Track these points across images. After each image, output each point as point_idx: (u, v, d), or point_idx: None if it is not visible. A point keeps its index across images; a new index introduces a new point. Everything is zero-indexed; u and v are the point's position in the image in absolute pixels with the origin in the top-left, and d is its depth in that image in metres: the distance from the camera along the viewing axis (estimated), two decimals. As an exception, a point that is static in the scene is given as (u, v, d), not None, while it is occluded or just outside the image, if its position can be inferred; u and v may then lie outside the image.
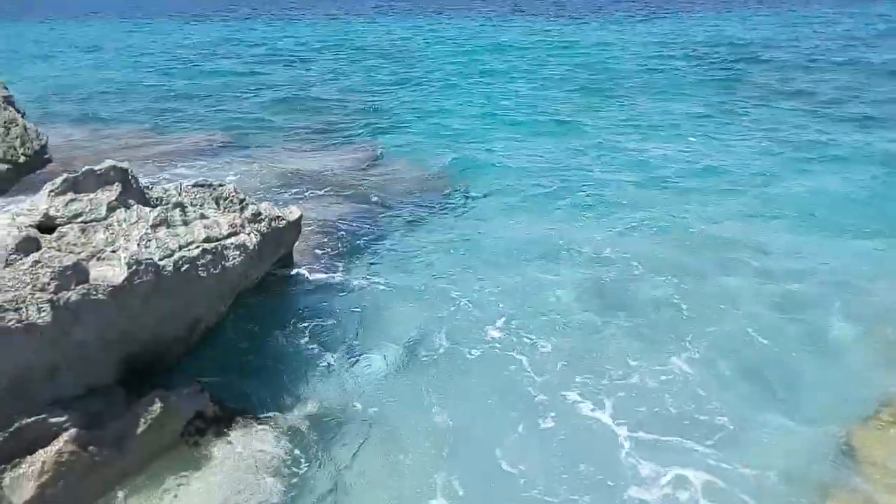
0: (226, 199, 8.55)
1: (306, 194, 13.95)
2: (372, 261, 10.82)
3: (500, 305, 9.40)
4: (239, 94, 26.89)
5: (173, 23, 72.73)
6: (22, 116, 10.65)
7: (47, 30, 64.83)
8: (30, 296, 5.43)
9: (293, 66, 35.73)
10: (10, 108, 10.59)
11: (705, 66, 30.43)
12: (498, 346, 8.52)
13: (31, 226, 6.01)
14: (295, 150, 17.98)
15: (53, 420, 5.71)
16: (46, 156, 10.93)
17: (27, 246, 5.61)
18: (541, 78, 29.49)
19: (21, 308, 5.38)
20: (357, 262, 10.76)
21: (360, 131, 20.26)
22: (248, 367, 8.05)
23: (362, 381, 7.88)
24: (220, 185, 8.56)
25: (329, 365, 8.09)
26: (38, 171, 11.80)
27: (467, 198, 13.88)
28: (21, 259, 5.51)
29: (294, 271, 10.24)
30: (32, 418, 5.59)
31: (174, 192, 7.71)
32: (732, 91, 24.62)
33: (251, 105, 24.70)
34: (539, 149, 17.65)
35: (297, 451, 6.73)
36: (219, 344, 8.37)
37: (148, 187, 7.43)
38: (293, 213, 9.52)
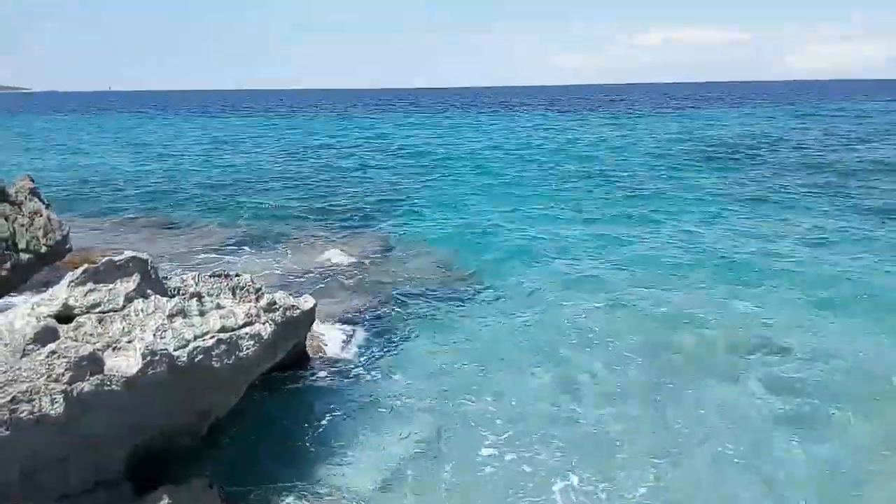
0: (242, 288, 8.62)
1: (321, 284, 14.05)
2: (385, 353, 10.74)
3: (510, 407, 9.16)
4: (257, 187, 27.64)
5: (195, 119, 75.44)
6: (46, 207, 10.93)
7: (78, 124, 67.41)
8: (44, 387, 5.42)
9: (311, 161, 36.85)
10: (36, 200, 10.88)
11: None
12: (506, 453, 8.24)
13: (49, 315, 6.07)
14: (311, 240, 18.27)
15: (60, 515, 5.58)
16: (68, 246, 11.13)
17: (45, 336, 5.64)
18: (557, 172, 30.23)
19: (34, 399, 5.36)
20: (371, 354, 10.69)
21: (377, 223, 20.62)
22: (257, 460, 7.89)
23: (371, 480, 7.64)
24: (237, 275, 8.64)
25: (338, 463, 7.87)
26: (59, 261, 12.04)
27: (483, 290, 13.87)
28: (38, 349, 5.53)
29: (307, 362, 10.19)
30: (38, 513, 5.47)
31: (191, 282, 7.79)
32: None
33: (270, 197, 25.34)
34: (558, 240, 17.81)
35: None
36: (229, 435, 8.24)
37: (167, 278, 7.52)
38: (307, 302, 9.55)
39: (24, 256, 10.32)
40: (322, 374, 9.99)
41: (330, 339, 11.02)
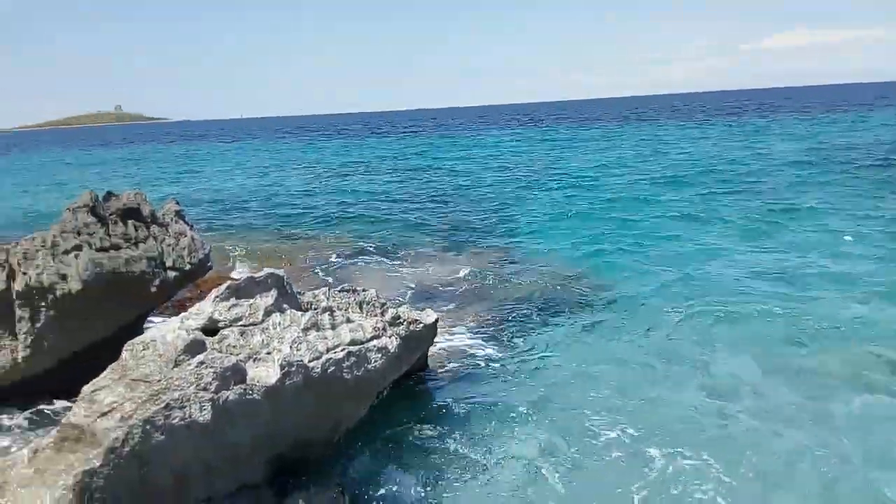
0: (368, 303, 8.92)
1: (441, 297, 14.29)
2: (508, 365, 10.73)
3: (642, 417, 8.93)
4: (376, 204, 28.49)
5: (317, 141, 78.70)
6: (190, 228, 11.75)
7: (216, 150, 71.97)
8: (193, 395, 5.82)
9: (425, 177, 37.56)
10: (181, 221, 11.73)
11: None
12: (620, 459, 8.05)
13: (197, 328, 6.51)
14: (431, 254, 18.64)
15: (207, 517, 5.96)
16: (209, 264, 11.92)
17: (194, 348, 6.07)
18: (682, 181, 29.28)
19: (185, 406, 5.77)
20: (493, 366, 10.71)
21: (494, 236, 20.75)
22: (385, 469, 8.08)
23: (498, 490, 7.66)
24: (364, 290, 8.95)
25: (463, 474, 7.94)
26: (201, 279, 12.91)
27: (608, 302, 13.59)
28: (188, 360, 5.96)
29: (429, 374, 10.36)
30: (189, 514, 5.86)
31: (323, 297, 8.14)
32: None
33: (389, 212, 26.07)
34: (680, 253, 17.25)
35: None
36: (357, 445, 8.50)
37: (300, 293, 7.90)
38: (429, 316, 9.75)
39: (171, 274, 11.12)
40: (445, 385, 10.11)
41: (452, 350, 11.15)
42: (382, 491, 7.68)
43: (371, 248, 19.75)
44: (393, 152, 58.99)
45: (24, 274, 9.33)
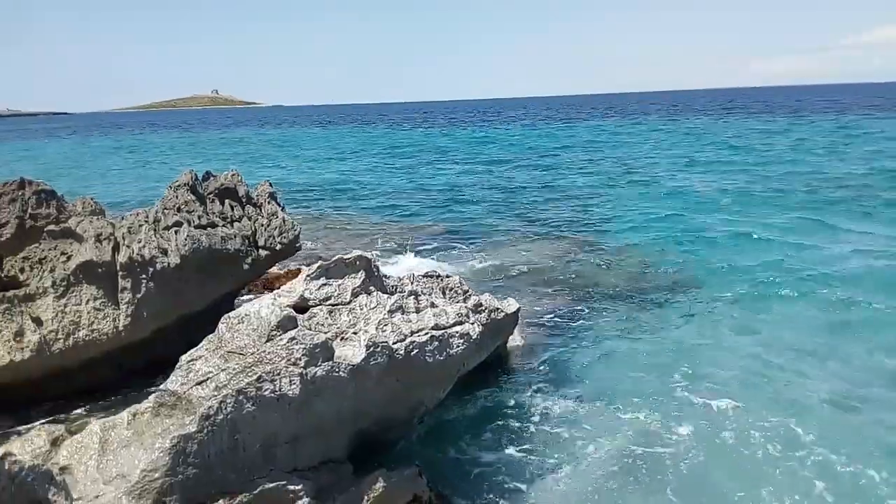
0: (451, 289, 8.98)
1: (522, 285, 14.24)
2: (585, 358, 10.60)
3: (725, 417, 8.69)
4: (459, 190, 28.60)
5: (398, 130, 79.49)
6: (282, 209, 12.12)
7: (309, 137, 73.76)
8: (284, 369, 6.02)
9: (509, 167, 37.40)
10: (273, 202, 12.11)
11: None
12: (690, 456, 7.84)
13: (288, 306, 6.72)
14: (512, 241, 18.61)
15: (291, 487, 6.14)
16: (298, 244, 12.26)
17: (286, 324, 6.27)
18: (784, 178, 28.08)
19: (276, 380, 5.97)
20: (571, 358, 10.62)
21: (577, 225, 20.51)
22: (461, 454, 8.15)
23: (579, 479, 7.59)
24: (447, 276, 9.02)
25: (540, 459, 7.92)
26: (290, 258, 13.30)
27: (691, 294, 13.28)
28: (280, 335, 6.16)
29: (508, 362, 10.36)
30: (274, 483, 6.06)
31: (407, 281, 8.26)
32: None
33: (471, 199, 26.15)
34: (771, 246, 16.62)
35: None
36: (435, 428, 8.61)
37: (386, 276, 8.03)
38: (511, 305, 9.73)
39: (262, 253, 11.52)
40: (523, 373, 10.10)
41: (531, 339, 11.10)
42: (459, 473, 7.75)
43: (453, 236, 19.89)
44: (500, 140, 59.03)
45: (128, 247, 9.84)
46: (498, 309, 9.23)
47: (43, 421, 8.62)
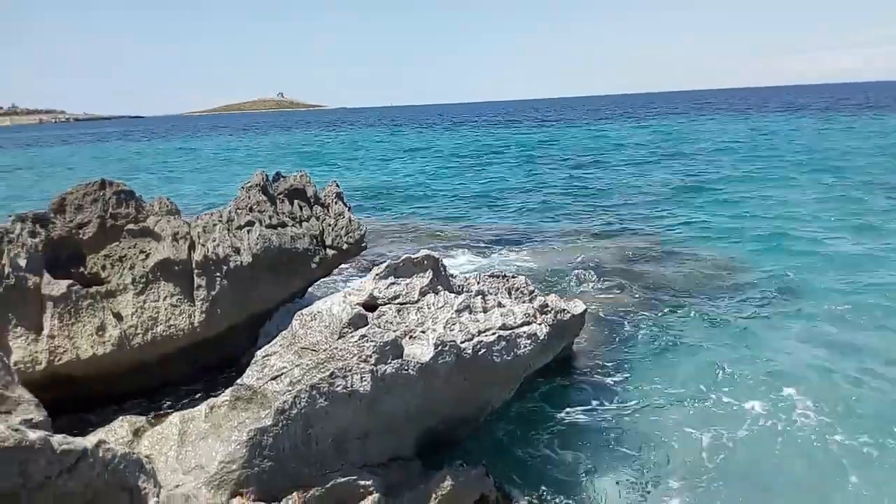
0: (517, 289, 8.96)
1: (589, 284, 14.09)
2: (652, 362, 10.42)
3: (804, 424, 8.42)
4: (519, 189, 28.49)
5: (473, 131, 79.55)
6: (348, 209, 12.31)
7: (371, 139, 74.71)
8: (355, 366, 6.11)
9: (584, 164, 37.06)
10: (340, 203, 12.31)
11: None
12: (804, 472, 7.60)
13: (358, 304, 6.83)
14: (579, 240, 18.45)
15: (362, 482, 6.23)
16: (364, 244, 12.44)
17: (357, 321, 6.37)
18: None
19: (348, 376, 6.07)
20: (638, 361, 10.45)
21: (648, 221, 20.17)
22: (526, 455, 8.12)
23: (647, 481, 7.48)
24: (513, 277, 9.00)
25: (605, 462, 7.82)
26: (356, 257, 13.51)
27: (766, 297, 12.88)
28: (351, 332, 6.26)
29: (574, 363, 10.26)
30: (346, 478, 6.16)
31: (474, 280, 8.28)
32: None
33: (537, 196, 26.04)
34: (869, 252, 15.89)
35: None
36: (502, 428, 8.60)
37: (452, 275, 8.07)
38: (577, 306, 9.64)
39: (330, 252, 11.73)
40: (589, 375, 9.99)
41: (597, 341, 10.97)
42: (525, 473, 7.73)
43: (514, 235, 19.83)
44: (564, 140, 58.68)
45: (203, 246, 10.17)
46: (564, 310, 9.15)
47: (124, 413, 8.99)
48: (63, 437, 3.73)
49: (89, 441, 3.89)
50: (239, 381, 6.36)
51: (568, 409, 9.02)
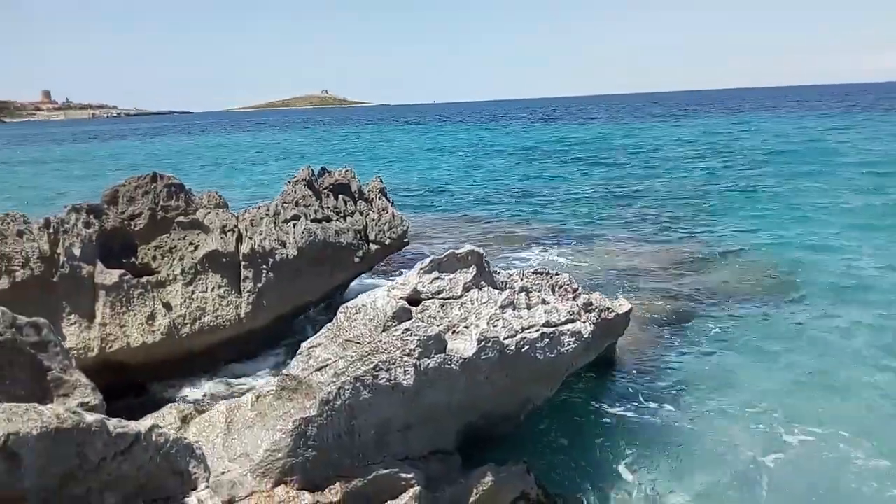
0: (561, 287, 8.89)
1: (633, 287, 13.91)
2: (697, 365, 10.24)
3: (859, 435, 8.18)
4: (567, 190, 28.27)
5: (511, 126, 79.42)
6: (391, 205, 12.39)
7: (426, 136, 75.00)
8: (399, 359, 6.15)
9: (621, 164, 36.63)
10: (383, 198, 12.41)
11: None
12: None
13: (402, 298, 6.86)
14: (622, 242, 18.21)
15: (403, 475, 6.26)
16: (406, 239, 12.51)
17: (402, 315, 6.40)
18: None
19: (391, 369, 6.11)
20: (682, 364, 10.30)
21: (692, 227, 19.81)
22: (566, 453, 8.06)
23: (684, 481, 7.36)
24: (557, 274, 8.93)
25: (644, 466, 7.70)
26: (398, 252, 13.59)
27: (816, 309, 12.44)
28: (395, 326, 6.29)
29: (617, 364, 10.15)
30: (388, 470, 6.21)
31: (517, 277, 8.25)
32: None
33: (583, 198, 25.82)
34: None
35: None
36: (541, 426, 8.56)
37: (496, 271, 8.05)
38: (623, 305, 9.53)
39: (373, 247, 11.83)
40: (631, 376, 9.89)
41: (641, 341, 10.84)
42: (566, 472, 7.68)
43: (561, 233, 19.71)
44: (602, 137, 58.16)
45: (250, 238, 10.35)
46: (609, 308, 9.06)
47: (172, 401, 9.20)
48: (118, 420, 3.83)
49: (143, 425, 4.00)
50: (284, 371, 6.45)
51: (610, 410, 8.93)
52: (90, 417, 3.66)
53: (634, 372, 9.99)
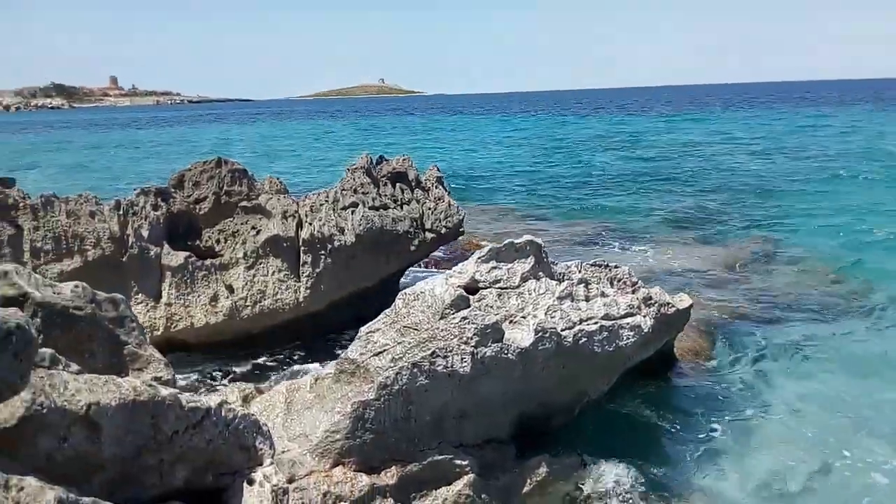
0: (619, 280, 8.78)
1: (688, 285, 13.63)
2: (759, 366, 9.96)
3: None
4: (620, 184, 27.88)
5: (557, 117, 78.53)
6: (448, 194, 12.42)
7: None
8: (456, 346, 6.19)
9: (678, 157, 35.92)
10: (440, 187, 12.44)
11: None
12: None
13: (460, 286, 6.89)
14: (678, 239, 17.85)
15: (458, 462, 6.32)
16: (462, 229, 12.53)
17: (458, 303, 6.44)
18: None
19: (448, 356, 6.16)
20: (744, 364, 10.04)
21: (750, 225, 19.30)
22: (622, 446, 7.95)
23: (729, 493, 7.17)
24: (616, 267, 8.82)
25: (700, 468, 7.50)
26: (452, 241, 13.64)
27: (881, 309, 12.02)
28: (453, 314, 6.33)
29: (675, 360, 9.98)
30: (443, 456, 6.27)
31: (575, 269, 8.18)
32: None
33: (635, 193, 25.42)
34: None
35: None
36: (596, 420, 8.48)
37: (554, 262, 8.01)
38: (683, 301, 9.35)
39: (428, 235, 11.89)
40: (690, 374, 9.70)
41: (701, 338, 10.65)
42: (618, 467, 7.56)
43: (615, 228, 19.47)
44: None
45: (310, 224, 10.53)
46: (669, 303, 8.90)
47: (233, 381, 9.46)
48: (190, 394, 3.97)
49: (213, 400, 4.13)
50: (343, 355, 6.56)
51: (667, 408, 8.78)
52: (164, 391, 3.81)
53: (692, 371, 9.80)
